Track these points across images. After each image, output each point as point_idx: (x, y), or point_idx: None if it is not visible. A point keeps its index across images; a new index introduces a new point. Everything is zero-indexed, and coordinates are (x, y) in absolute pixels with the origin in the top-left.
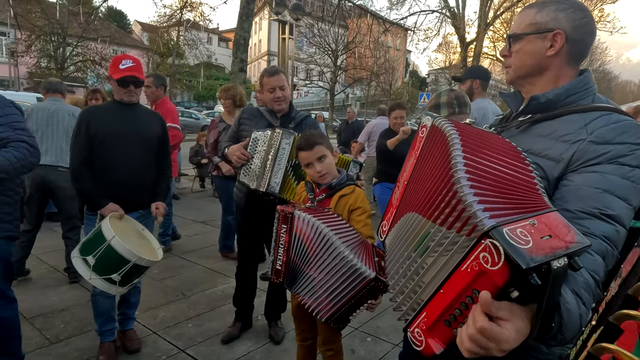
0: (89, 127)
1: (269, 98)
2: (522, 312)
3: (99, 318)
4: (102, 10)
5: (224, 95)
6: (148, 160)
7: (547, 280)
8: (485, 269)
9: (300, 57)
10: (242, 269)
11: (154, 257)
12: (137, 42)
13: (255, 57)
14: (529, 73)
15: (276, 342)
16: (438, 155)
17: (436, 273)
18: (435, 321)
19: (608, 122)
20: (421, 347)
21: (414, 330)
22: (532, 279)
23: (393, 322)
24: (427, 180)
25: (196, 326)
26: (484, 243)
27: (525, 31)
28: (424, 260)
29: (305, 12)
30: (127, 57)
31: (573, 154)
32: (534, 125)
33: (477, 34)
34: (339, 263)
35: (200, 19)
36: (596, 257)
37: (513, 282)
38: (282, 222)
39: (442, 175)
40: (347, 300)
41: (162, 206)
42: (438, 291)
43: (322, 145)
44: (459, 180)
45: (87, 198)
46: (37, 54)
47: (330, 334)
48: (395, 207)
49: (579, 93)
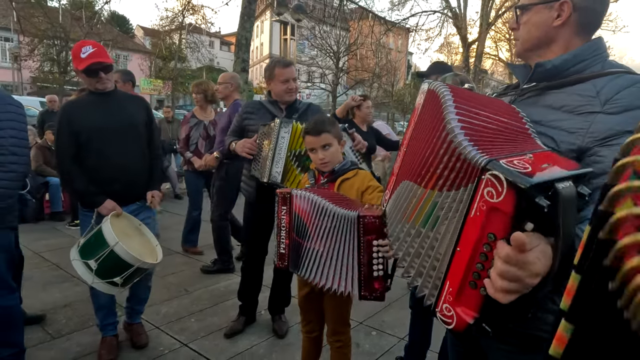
0: (71, 124)
1: (282, 89)
2: (543, 238)
3: (100, 312)
4: (105, 15)
5: (195, 90)
6: (137, 149)
7: (556, 206)
8: (492, 203)
9: (301, 60)
10: (249, 263)
11: (155, 257)
12: (140, 46)
13: (257, 60)
14: (536, 45)
15: (280, 336)
16: (433, 116)
17: (451, 236)
18: (461, 287)
19: (621, 87)
20: (452, 323)
21: (442, 308)
22: (540, 201)
23: (398, 315)
24: (424, 142)
25: (199, 321)
26: (484, 178)
27: (533, 1)
28: (437, 231)
29: (307, 13)
30: (86, 43)
31: (590, 126)
32: (542, 95)
33: (479, 34)
34: (333, 222)
35: (202, 22)
36: None
37: (522, 209)
38: (282, 204)
39: (436, 132)
40: (357, 257)
41: (157, 195)
42: (455, 251)
43: (330, 133)
44: (453, 130)
45: (81, 197)
46: (40, 58)
47: (339, 325)
48: (395, 174)
49: (588, 60)
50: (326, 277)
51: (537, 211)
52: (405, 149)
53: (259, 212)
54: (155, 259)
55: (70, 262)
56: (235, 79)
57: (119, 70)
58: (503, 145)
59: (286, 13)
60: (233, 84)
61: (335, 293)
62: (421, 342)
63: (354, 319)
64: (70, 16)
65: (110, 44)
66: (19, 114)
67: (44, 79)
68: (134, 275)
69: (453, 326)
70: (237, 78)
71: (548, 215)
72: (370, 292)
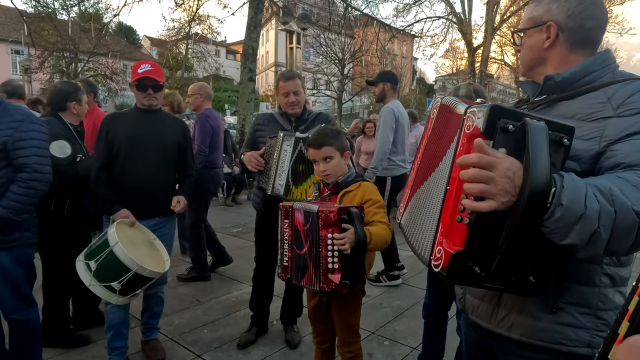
0: (108, 133)
1: (283, 102)
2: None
3: (109, 331)
4: (112, 26)
5: (163, 102)
6: (165, 166)
7: (524, 132)
8: (470, 133)
9: (307, 67)
10: (259, 273)
11: (159, 268)
12: (147, 57)
13: (263, 68)
14: (532, 66)
15: (292, 347)
16: (446, 128)
17: (444, 183)
18: (449, 224)
19: (632, 91)
20: (441, 263)
21: (434, 254)
22: (505, 125)
23: (410, 325)
24: (436, 153)
25: (212, 332)
26: (465, 117)
27: (525, 26)
28: (434, 194)
29: (312, 22)
30: (146, 62)
31: (603, 133)
32: (553, 106)
33: (484, 38)
34: (308, 223)
35: (208, 32)
36: (634, 189)
37: (493, 130)
38: (284, 218)
39: (448, 140)
40: (316, 251)
41: (182, 200)
42: (446, 191)
43: (332, 146)
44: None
45: (102, 203)
46: (50, 70)
47: (348, 335)
48: (409, 187)
49: (598, 71)
50: (303, 277)
51: (509, 136)
52: (419, 163)
53: (268, 222)
54: (160, 270)
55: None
56: (204, 89)
57: (82, 80)
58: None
59: (291, 22)
60: (202, 94)
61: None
62: (435, 353)
63: (365, 329)
64: (79, 29)
65: (118, 54)
66: (42, 132)
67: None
68: (134, 283)
69: (441, 266)
70: (205, 87)
71: (518, 141)
72: (327, 284)
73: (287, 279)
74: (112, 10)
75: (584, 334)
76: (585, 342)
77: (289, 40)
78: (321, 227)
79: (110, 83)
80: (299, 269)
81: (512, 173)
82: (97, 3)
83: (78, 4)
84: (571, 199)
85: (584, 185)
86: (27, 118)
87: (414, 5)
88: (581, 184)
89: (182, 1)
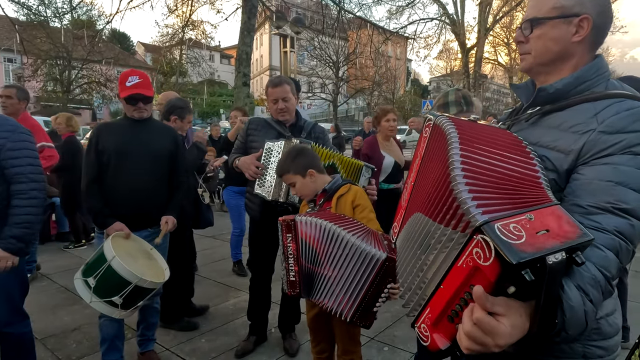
0: (98, 143)
1: (273, 109)
2: (521, 308)
3: (103, 344)
4: (106, 33)
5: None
6: (157, 176)
7: (542, 276)
8: (479, 264)
9: (302, 70)
10: (255, 281)
11: (159, 278)
12: (141, 63)
13: (258, 72)
14: (553, 60)
15: (291, 355)
16: (439, 154)
17: (437, 269)
18: (439, 317)
19: (619, 109)
20: (427, 342)
21: (420, 325)
22: (526, 275)
23: (410, 330)
24: (430, 179)
25: (209, 341)
26: (476, 239)
27: (549, 15)
28: (427, 257)
29: (306, 26)
30: (134, 73)
31: (583, 146)
32: (544, 116)
33: (478, 39)
34: (349, 253)
35: (202, 37)
36: (607, 253)
37: (506, 277)
38: (286, 232)
39: (441, 173)
40: (366, 290)
41: (171, 221)
42: (439, 287)
43: (289, 173)
44: (455, 178)
45: (94, 216)
46: (44, 78)
47: (349, 344)
48: (403, 208)
49: (591, 80)
50: (329, 298)
51: (521, 279)
52: (414, 183)
53: (263, 230)
54: (160, 280)
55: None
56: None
57: (16, 86)
58: (506, 197)
59: (285, 26)
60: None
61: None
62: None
63: (365, 334)
64: (72, 36)
65: (112, 61)
66: (31, 141)
67: (47, 99)
68: (136, 296)
69: (427, 345)
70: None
71: (532, 284)
72: (362, 321)
73: (296, 293)
74: (105, 17)
75: (577, 346)
76: (579, 354)
77: (282, 44)
78: (383, 274)
79: (104, 90)
80: (320, 286)
81: (516, 330)
82: (89, 10)
83: (70, 11)
84: (574, 324)
85: (581, 303)
86: (17, 128)
87: (406, 8)
88: (579, 302)
89: (176, 7)
